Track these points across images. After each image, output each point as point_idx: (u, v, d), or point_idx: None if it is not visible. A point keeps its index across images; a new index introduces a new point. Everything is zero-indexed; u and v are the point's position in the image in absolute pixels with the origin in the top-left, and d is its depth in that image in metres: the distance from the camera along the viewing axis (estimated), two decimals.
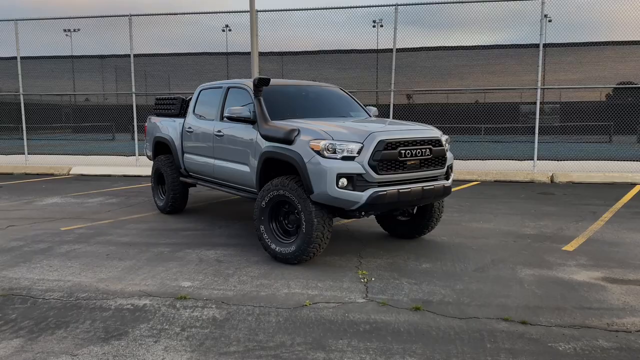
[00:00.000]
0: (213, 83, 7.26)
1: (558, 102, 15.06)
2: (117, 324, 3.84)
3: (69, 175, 12.95)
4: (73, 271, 5.13)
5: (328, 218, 5.12)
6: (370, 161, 4.89)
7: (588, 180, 11.12)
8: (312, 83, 7.22)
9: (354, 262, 5.38)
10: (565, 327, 3.79)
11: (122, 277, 4.93)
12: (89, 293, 4.51)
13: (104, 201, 9.14)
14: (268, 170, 5.66)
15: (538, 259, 5.52)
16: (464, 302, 4.29)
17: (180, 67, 14.76)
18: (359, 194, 4.88)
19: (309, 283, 4.74)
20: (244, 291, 4.54)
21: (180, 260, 5.47)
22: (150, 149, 8.46)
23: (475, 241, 6.27)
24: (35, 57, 14.51)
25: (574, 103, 13.85)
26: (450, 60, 13.08)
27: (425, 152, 5.23)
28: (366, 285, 4.70)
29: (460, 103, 14.71)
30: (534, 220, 7.41)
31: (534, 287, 4.64)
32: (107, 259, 5.53)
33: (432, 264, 5.36)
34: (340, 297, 4.39)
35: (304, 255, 5.15)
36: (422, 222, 6.16)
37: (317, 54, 13.26)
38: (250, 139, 5.91)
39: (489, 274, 5.04)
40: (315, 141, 5.01)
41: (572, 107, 13.70)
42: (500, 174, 11.54)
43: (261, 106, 5.89)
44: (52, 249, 5.95)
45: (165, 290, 4.58)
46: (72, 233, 6.72)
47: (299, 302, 4.26)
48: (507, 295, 4.44)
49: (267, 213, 5.39)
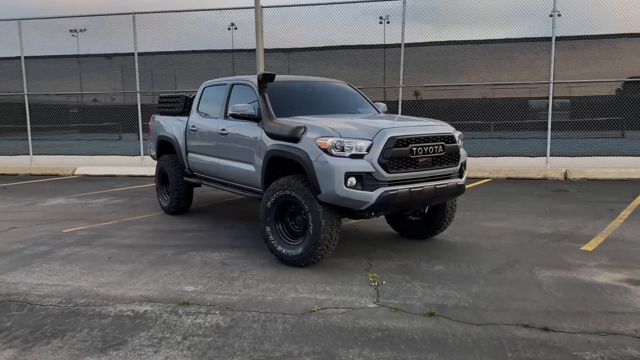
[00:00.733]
0: (217, 80, 7.06)
1: (568, 97, 14.70)
2: (115, 333, 3.65)
3: (73, 176, 12.82)
4: (73, 275, 4.96)
5: (336, 219, 4.91)
6: (380, 159, 4.67)
7: (603, 176, 10.81)
8: (318, 79, 7.01)
9: (364, 264, 5.17)
10: (590, 333, 3.56)
11: (123, 282, 4.75)
12: (88, 299, 4.33)
13: (108, 202, 8.98)
14: (273, 170, 5.46)
15: (556, 260, 5.28)
16: (481, 306, 4.07)
17: (186, 66, 14.58)
18: (368, 193, 4.67)
19: (317, 287, 4.54)
20: (249, 296, 4.35)
21: (183, 263, 5.29)
22: (154, 148, 8.28)
23: (489, 241, 6.03)
24: (38, 56, 14.38)
25: (585, 97, 13.52)
26: (460, 54, 12.79)
27: (437, 149, 5.00)
28: (377, 289, 4.49)
29: (469, 99, 14.41)
30: (549, 219, 7.16)
31: (554, 290, 4.41)
32: (109, 263, 5.36)
33: (446, 265, 5.13)
34: (350, 302, 4.18)
35: (312, 257, 4.95)
36: (434, 221, 5.93)
37: (324, 50, 13.02)
38: (255, 137, 5.71)
39: (505, 276, 4.82)
40: (323, 139, 4.80)
41: (583, 101, 13.37)
42: (512, 170, 11.26)
43: (266, 103, 5.68)
44: (53, 252, 5.79)
45: (167, 295, 4.39)
46: (74, 235, 6.56)
47: (307, 308, 4.06)
48: (526, 299, 4.21)
49: (272, 214, 5.19)
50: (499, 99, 13.72)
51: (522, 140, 13.20)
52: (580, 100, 13.54)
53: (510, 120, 13.25)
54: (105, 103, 17.42)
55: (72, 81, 15.40)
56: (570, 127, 13.53)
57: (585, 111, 12.90)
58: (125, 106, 15.44)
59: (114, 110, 16.57)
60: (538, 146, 12.08)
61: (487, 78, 12.71)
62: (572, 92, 13.96)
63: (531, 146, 12.47)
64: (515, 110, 13.26)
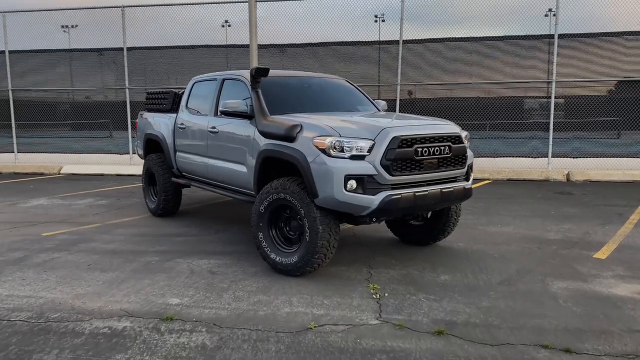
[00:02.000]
0: (207, 75, 6.66)
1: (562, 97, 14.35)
2: (89, 355, 3.26)
3: (59, 175, 12.36)
4: (48, 285, 4.55)
5: (334, 225, 4.54)
6: (383, 160, 4.30)
7: (606, 178, 10.50)
8: (315, 74, 6.62)
9: (364, 274, 4.80)
10: (617, 356, 3.21)
11: (102, 293, 4.36)
12: (61, 313, 3.93)
13: (93, 203, 8.56)
14: (267, 171, 5.07)
15: (569, 269, 4.94)
16: (494, 323, 3.71)
17: (179, 62, 14.14)
18: (370, 197, 4.30)
19: (314, 299, 4.16)
20: (240, 310, 3.97)
21: (169, 272, 4.89)
22: (141, 146, 7.87)
23: (495, 248, 5.69)
24: (24, 50, 13.88)
25: (582, 97, 13.19)
26: (458, 52, 12.44)
27: (444, 149, 4.63)
28: (379, 302, 4.12)
29: (467, 97, 14.04)
30: (556, 224, 6.82)
31: (571, 304, 4.06)
32: (88, 271, 4.96)
33: (452, 275, 4.77)
34: (350, 318, 3.81)
35: (308, 266, 4.57)
36: (437, 227, 5.57)
37: (319, 46, 12.62)
38: (247, 135, 5.32)
39: (516, 287, 4.46)
40: (320, 138, 4.43)
41: (582, 101, 13.03)
42: (513, 172, 10.92)
43: (259, 99, 5.30)
44: (29, 258, 5.38)
45: (149, 308, 4.00)
46: (53, 239, 6.14)
47: (303, 324, 3.69)
48: (542, 315, 3.86)
49: (266, 219, 4.81)
50: (497, 98, 13.39)
51: (523, 140, 12.88)
52: (580, 99, 13.20)
53: (510, 120, 12.92)
54: (97, 99, 16.88)
55: (60, 76, 14.88)
56: (571, 127, 13.22)
57: (582, 111, 12.56)
58: (117, 103, 14.98)
59: (103, 107, 16.07)
60: (539, 147, 11.76)
61: (486, 76, 12.37)
62: (572, 92, 13.60)
63: (532, 147, 12.14)
64: (516, 109, 12.93)
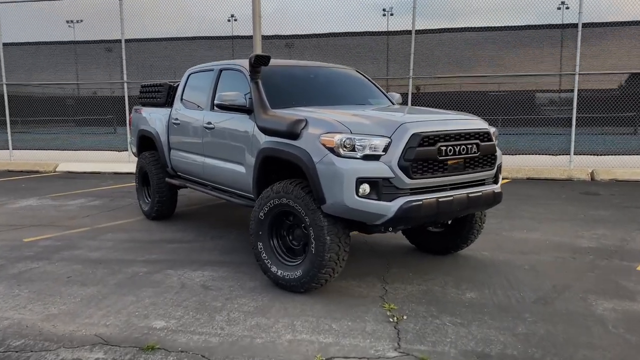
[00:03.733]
0: (203, 65, 6.08)
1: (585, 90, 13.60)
2: None
3: (55, 173, 11.84)
4: (18, 302, 4.00)
5: (344, 235, 3.94)
6: (401, 161, 3.70)
7: (634, 177, 9.81)
8: (322, 64, 6.00)
9: (378, 290, 4.20)
10: None
11: (77, 313, 3.79)
12: (26, 339, 3.37)
13: (85, 204, 8.01)
14: (268, 172, 4.49)
15: (612, 285, 4.32)
16: (535, 356, 3.11)
17: (181, 55, 13.57)
18: (386, 204, 3.70)
19: (321, 323, 3.57)
20: (234, 336, 3.39)
21: (157, 287, 4.32)
22: (134, 144, 7.31)
23: (524, 258, 5.07)
24: (19, 43, 13.37)
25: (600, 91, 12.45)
26: (473, 43, 11.76)
27: (471, 148, 4.02)
28: (396, 326, 3.52)
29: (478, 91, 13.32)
30: (587, 229, 6.19)
31: (622, 330, 3.45)
32: (67, 284, 4.40)
33: (479, 292, 4.17)
34: (364, 348, 3.21)
35: (313, 282, 3.98)
36: (459, 234, 4.95)
37: (327, 37, 11.99)
38: (246, 132, 4.73)
39: (555, 308, 3.85)
40: (328, 135, 3.83)
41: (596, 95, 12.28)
42: (533, 170, 10.25)
43: (259, 91, 4.70)
44: (4, 268, 4.83)
45: (129, 334, 3.43)
46: (35, 246, 5.59)
47: (307, 357, 3.10)
48: (590, 345, 3.25)
49: (266, 227, 4.22)
50: (514, 92, 12.67)
51: (541, 136, 12.20)
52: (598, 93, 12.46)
53: (529, 115, 12.23)
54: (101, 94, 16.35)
55: (58, 70, 14.36)
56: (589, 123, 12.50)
57: (604, 106, 11.83)
58: (121, 98, 14.42)
59: (105, 101, 15.54)
60: (559, 143, 11.08)
61: (503, 69, 11.69)
62: (592, 85, 12.86)
63: (552, 143, 11.46)
64: (529, 104, 12.22)
